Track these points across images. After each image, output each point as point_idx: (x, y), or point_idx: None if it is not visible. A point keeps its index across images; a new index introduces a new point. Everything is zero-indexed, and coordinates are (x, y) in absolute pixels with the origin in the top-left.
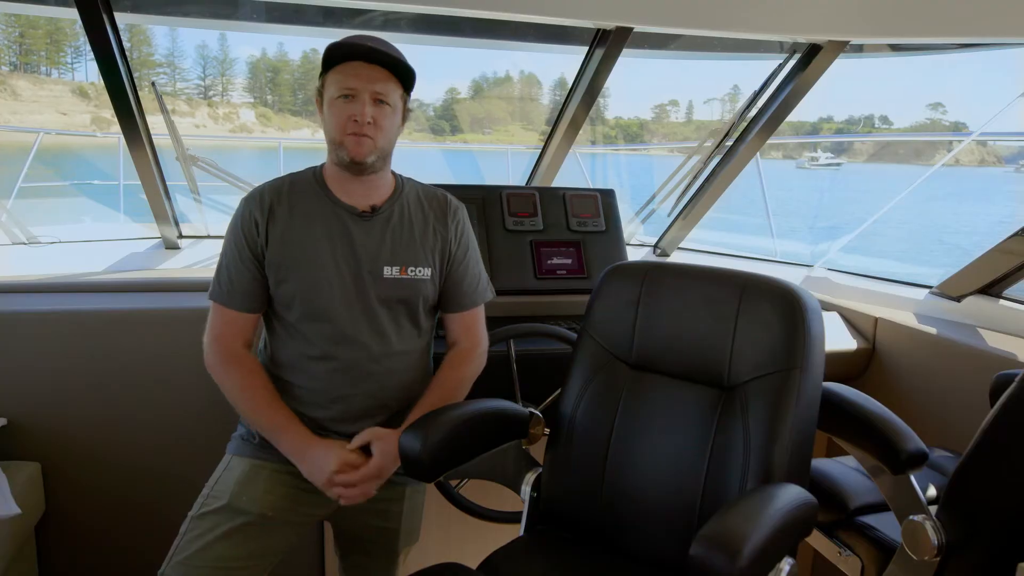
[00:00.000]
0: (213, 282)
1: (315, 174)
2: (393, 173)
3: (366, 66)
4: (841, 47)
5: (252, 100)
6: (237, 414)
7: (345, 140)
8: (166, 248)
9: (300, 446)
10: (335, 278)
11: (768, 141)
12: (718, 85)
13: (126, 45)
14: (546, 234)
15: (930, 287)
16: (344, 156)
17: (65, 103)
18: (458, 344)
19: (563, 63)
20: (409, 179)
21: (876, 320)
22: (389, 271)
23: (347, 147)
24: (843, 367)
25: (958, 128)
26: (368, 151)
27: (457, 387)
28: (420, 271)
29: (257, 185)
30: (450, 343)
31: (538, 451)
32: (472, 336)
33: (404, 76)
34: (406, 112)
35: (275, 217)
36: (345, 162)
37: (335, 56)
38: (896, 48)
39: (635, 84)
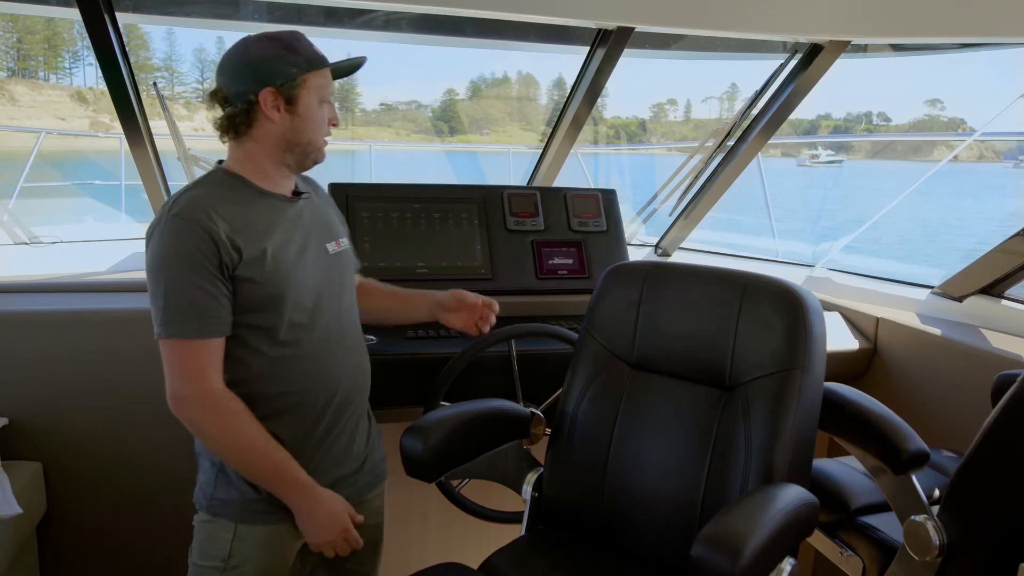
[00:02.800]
0: (168, 318)
1: (231, 175)
2: None
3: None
4: (843, 47)
5: None
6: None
7: (322, 145)
8: None
9: (312, 488)
10: (307, 272)
11: (768, 141)
12: (716, 84)
13: None
14: (547, 234)
15: (932, 287)
16: (318, 159)
17: (63, 108)
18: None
19: (561, 64)
20: None
21: (878, 320)
22: (332, 247)
23: (322, 151)
24: (845, 367)
25: (956, 124)
26: None
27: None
28: (345, 241)
29: (181, 205)
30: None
31: (539, 451)
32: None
33: None
34: None
35: (237, 229)
36: (310, 165)
37: (321, 60)
38: (897, 48)
39: (633, 84)
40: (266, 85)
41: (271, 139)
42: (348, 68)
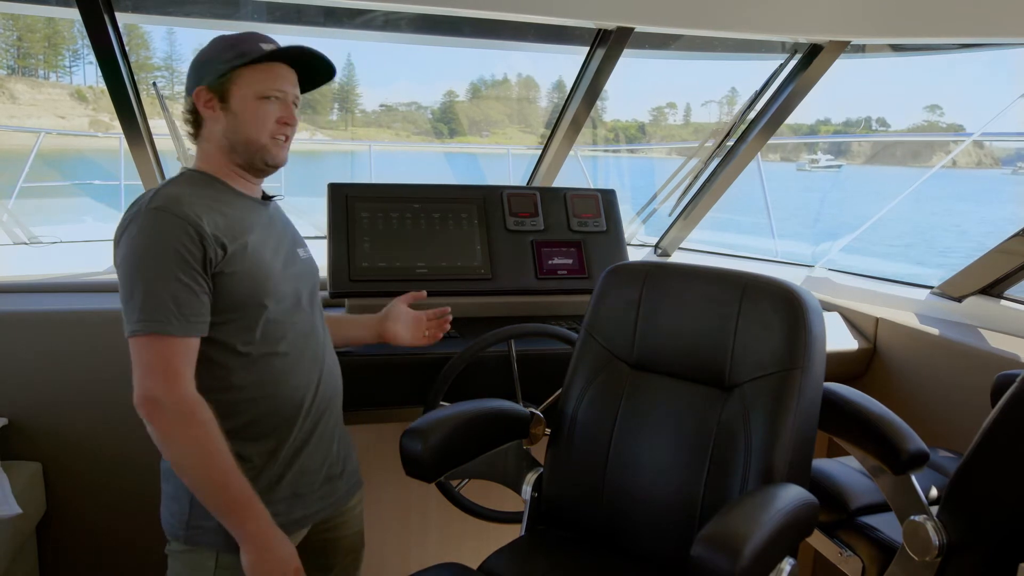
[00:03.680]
0: (146, 314)
1: (202, 174)
2: None
3: (288, 69)
4: (842, 47)
5: None
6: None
7: (268, 143)
8: None
9: (270, 530)
10: (283, 271)
11: (768, 141)
12: (715, 87)
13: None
14: (547, 234)
15: (931, 287)
16: (267, 159)
17: (63, 107)
18: None
19: (561, 65)
20: None
21: (877, 320)
22: (302, 252)
23: (270, 150)
24: (844, 367)
25: (955, 130)
26: (287, 155)
27: None
28: (308, 249)
29: (162, 199)
30: None
31: (539, 451)
32: None
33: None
34: None
35: (219, 225)
36: (260, 166)
37: (255, 54)
38: (897, 48)
39: (633, 86)
40: (198, 84)
41: (216, 139)
42: (299, 55)
